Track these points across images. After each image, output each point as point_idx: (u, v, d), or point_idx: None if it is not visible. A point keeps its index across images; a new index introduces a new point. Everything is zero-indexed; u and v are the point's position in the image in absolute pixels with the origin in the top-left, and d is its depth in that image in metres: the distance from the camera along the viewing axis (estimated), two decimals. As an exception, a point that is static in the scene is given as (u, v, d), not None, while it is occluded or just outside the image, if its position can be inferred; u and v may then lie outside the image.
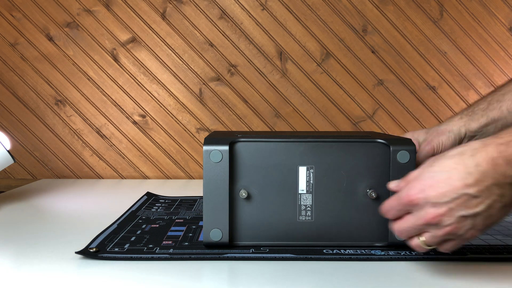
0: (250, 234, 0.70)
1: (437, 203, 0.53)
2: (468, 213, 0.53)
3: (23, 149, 1.37)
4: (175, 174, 1.39)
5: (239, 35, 1.35)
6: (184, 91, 1.36)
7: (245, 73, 1.36)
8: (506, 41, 1.36)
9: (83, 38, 1.34)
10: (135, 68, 1.35)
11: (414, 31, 1.35)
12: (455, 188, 0.52)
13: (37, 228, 0.83)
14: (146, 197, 1.07)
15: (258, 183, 0.69)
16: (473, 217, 0.53)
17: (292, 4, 1.34)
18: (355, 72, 1.36)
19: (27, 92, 1.36)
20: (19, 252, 0.71)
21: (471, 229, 0.54)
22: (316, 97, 1.37)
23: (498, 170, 0.52)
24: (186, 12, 1.34)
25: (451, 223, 0.54)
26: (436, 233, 0.55)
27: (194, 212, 0.94)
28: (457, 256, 0.67)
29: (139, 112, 1.37)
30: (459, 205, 0.53)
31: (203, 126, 1.38)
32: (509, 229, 0.83)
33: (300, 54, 1.36)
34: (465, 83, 1.37)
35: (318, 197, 0.69)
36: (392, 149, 0.68)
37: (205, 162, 0.68)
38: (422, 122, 1.38)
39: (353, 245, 0.70)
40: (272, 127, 1.38)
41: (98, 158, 1.38)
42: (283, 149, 0.69)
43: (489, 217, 0.53)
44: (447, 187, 0.53)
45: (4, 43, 1.34)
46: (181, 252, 0.69)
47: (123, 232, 0.79)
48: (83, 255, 0.67)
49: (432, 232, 0.55)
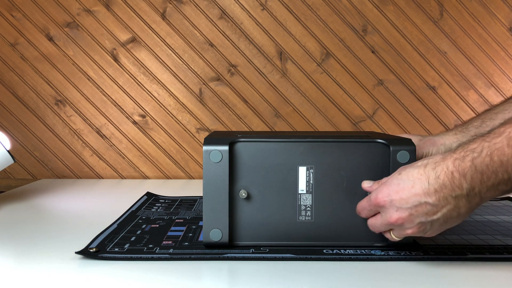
0: (250, 234, 0.70)
1: (400, 208, 0.60)
2: (426, 219, 0.59)
3: (23, 149, 1.37)
4: (175, 174, 1.39)
5: (239, 35, 1.35)
6: (184, 91, 1.36)
7: (245, 73, 1.36)
8: (506, 41, 1.36)
9: (83, 38, 1.34)
10: (135, 68, 1.35)
11: (414, 31, 1.35)
12: (417, 196, 0.58)
13: (37, 228, 0.83)
14: (146, 197, 1.07)
15: (258, 183, 0.69)
16: (431, 223, 0.59)
17: (292, 4, 1.34)
18: (355, 72, 1.36)
19: (27, 92, 1.36)
20: (19, 252, 0.71)
21: (429, 230, 0.61)
22: (316, 97, 1.37)
23: (455, 182, 0.57)
24: (186, 12, 1.34)
25: (411, 226, 0.60)
26: (400, 232, 0.62)
27: (194, 212, 0.94)
28: (457, 256, 0.68)
29: (139, 112, 1.37)
30: (419, 212, 0.59)
31: (203, 126, 1.38)
32: (509, 229, 0.83)
33: (300, 54, 1.36)
34: (465, 83, 1.37)
35: (318, 197, 0.69)
36: (392, 149, 0.68)
37: (205, 162, 0.68)
38: (422, 122, 1.38)
39: (353, 245, 0.70)
40: (272, 127, 1.38)
41: (98, 158, 1.38)
42: (283, 149, 0.69)
43: (446, 223, 0.60)
44: (410, 194, 0.59)
45: (4, 43, 1.34)
46: (181, 252, 0.69)
47: (123, 232, 0.79)
48: (83, 255, 0.67)
49: (396, 230, 0.63)
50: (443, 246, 0.72)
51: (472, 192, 0.57)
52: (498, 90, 1.37)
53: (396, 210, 0.60)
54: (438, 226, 0.60)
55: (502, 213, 0.95)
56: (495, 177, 0.55)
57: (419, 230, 0.60)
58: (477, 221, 0.88)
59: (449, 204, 0.58)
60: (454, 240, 0.75)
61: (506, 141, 0.53)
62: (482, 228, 0.83)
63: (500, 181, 0.55)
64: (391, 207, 0.60)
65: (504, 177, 0.54)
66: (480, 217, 0.91)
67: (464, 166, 0.56)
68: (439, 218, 0.59)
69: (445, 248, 0.71)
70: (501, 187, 0.56)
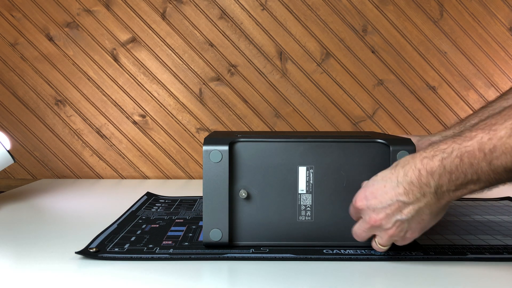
0: (250, 234, 0.70)
1: (375, 209, 0.61)
2: (402, 218, 0.60)
3: (23, 149, 1.37)
4: (175, 174, 1.39)
5: (239, 35, 1.35)
6: (184, 91, 1.36)
7: (245, 73, 1.36)
8: (506, 41, 1.36)
9: (83, 38, 1.34)
10: (135, 68, 1.35)
11: (414, 31, 1.35)
12: (388, 195, 0.60)
13: (37, 228, 0.83)
14: (146, 197, 1.07)
15: (258, 183, 0.69)
16: (408, 221, 0.60)
17: (292, 4, 1.34)
18: (355, 72, 1.36)
19: (27, 92, 1.36)
20: (19, 252, 0.71)
21: (409, 230, 0.61)
22: (316, 97, 1.37)
23: (422, 180, 0.58)
24: (186, 12, 1.34)
25: (390, 227, 0.61)
26: (382, 235, 0.63)
27: (194, 212, 0.94)
28: (457, 256, 0.68)
29: (139, 112, 1.37)
30: (394, 211, 0.60)
31: (203, 126, 1.38)
32: (509, 229, 0.83)
33: (300, 54, 1.36)
34: (465, 83, 1.37)
35: (318, 197, 0.69)
36: (392, 149, 0.68)
37: (205, 162, 0.68)
38: (422, 122, 1.38)
39: (353, 245, 0.70)
40: (272, 127, 1.38)
41: (98, 158, 1.38)
42: (283, 149, 0.69)
43: (421, 221, 0.61)
44: (383, 195, 0.60)
45: (4, 43, 1.34)
46: (181, 252, 0.69)
47: (123, 232, 0.79)
48: (83, 255, 0.67)
49: (379, 234, 0.63)
50: (443, 246, 0.72)
51: (440, 190, 0.58)
52: (498, 90, 1.37)
53: (372, 211, 0.61)
54: (416, 225, 0.61)
55: (502, 213, 0.95)
56: (464, 177, 0.56)
57: (398, 229, 0.61)
58: (477, 221, 0.88)
59: (419, 201, 0.59)
60: (454, 240, 0.75)
61: (477, 145, 0.54)
62: (482, 228, 0.83)
63: (469, 181, 0.56)
64: (368, 210, 0.62)
65: (473, 178, 0.56)
66: (480, 217, 0.91)
67: (432, 165, 0.57)
68: (413, 215, 0.60)
69: (445, 248, 0.71)
70: (470, 186, 0.57)
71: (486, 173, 0.55)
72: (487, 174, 0.55)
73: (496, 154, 0.53)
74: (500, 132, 0.53)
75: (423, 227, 0.62)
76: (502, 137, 0.53)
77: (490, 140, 0.54)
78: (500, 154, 0.53)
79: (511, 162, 0.53)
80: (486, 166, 0.54)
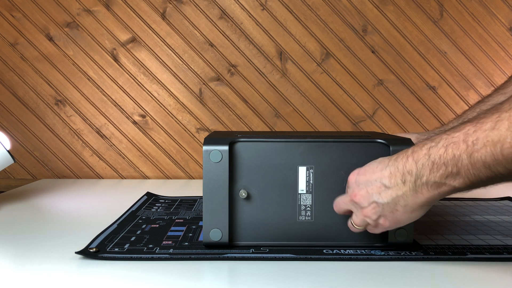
0: (250, 234, 0.70)
1: (360, 184, 0.63)
2: (379, 200, 0.61)
3: (23, 149, 1.37)
4: (175, 174, 1.39)
5: (239, 35, 1.35)
6: (184, 91, 1.36)
7: (245, 73, 1.36)
8: (506, 41, 1.36)
9: (83, 38, 1.34)
10: (135, 68, 1.35)
11: (414, 31, 1.35)
12: (375, 175, 0.62)
13: (37, 228, 0.83)
14: (146, 197, 1.07)
15: (257, 183, 0.69)
16: (383, 205, 0.61)
17: (292, 4, 1.34)
18: (355, 72, 1.36)
19: (27, 92, 1.36)
20: (19, 252, 0.71)
21: (382, 216, 0.62)
22: (316, 97, 1.37)
23: (406, 167, 0.59)
24: (186, 12, 1.34)
25: (366, 206, 0.62)
26: (358, 214, 0.64)
27: (194, 212, 0.94)
28: (457, 256, 0.68)
29: (139, 112, 1.37)
30: (374, 190, 0.61)
31: (203, 126, 1.38)
32: (509, 229, 0.83)
33: (300, 54, 1.36)
34: (465, 83, 1.37)
35: (318, 197, 0.69)
36: (392, 149, 0.68)
37: (205, 162, 0.68)
38: (422, 122, 1.38)
39: (353, 245, 0.70)
40: (272, 127, 1.38)
41: (98, 158, 1.38)
42: (283, 149, 0.69)
43: (395, 211, 0.61)
44: (371, 174, 0.62)
45: (4, 43, 1.34)
46: (181, 252, 0.69)
47: (123, 232, 0.79)
48: (83, 255, 0.67)
49: (356, 211, 0.65)
50: (443, 246, 0.72)
51: (420, 180, 0.58)
52: (498, 90, 1.37)
53: (357, 186, 0.63)
54: (389, 213, 0.61)
55: (502, 213, 0.95)
56: (444, 169, 0.56)
57: (373, 211, 0.62)
58: (477, 221, 0.88)
59: (398, 188, 0.60)
60: (454, 240, 0.75)
61: (462, 137, 0.54)
62: (482, 228, 0.83)
63: (449, 174, 0.56)
64: (354, 184, 0.64)
65: (453, 171, 0.55)
66: (480, 217, 0.91)
67: (420, 153, 0.58)
68: (389, 201, 0.60)
69: (445, 248, 0.71)
70: (449, 181, 0.56)
71: (466, 167, 0.54)
72: (466, 168, 0.54)
73: (477, 147, 0.53)
74: (486, 125, 0.53)
75: (395, 219, 0.62)
76: (486, 129, 0.52)
77: (475, 132, 0.53)
78: (481, 147, 0.53)
79: (490, 156, 0.52)
80: (466, 159, 0.54)
